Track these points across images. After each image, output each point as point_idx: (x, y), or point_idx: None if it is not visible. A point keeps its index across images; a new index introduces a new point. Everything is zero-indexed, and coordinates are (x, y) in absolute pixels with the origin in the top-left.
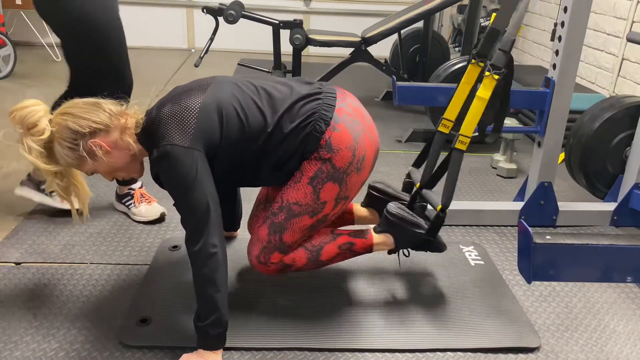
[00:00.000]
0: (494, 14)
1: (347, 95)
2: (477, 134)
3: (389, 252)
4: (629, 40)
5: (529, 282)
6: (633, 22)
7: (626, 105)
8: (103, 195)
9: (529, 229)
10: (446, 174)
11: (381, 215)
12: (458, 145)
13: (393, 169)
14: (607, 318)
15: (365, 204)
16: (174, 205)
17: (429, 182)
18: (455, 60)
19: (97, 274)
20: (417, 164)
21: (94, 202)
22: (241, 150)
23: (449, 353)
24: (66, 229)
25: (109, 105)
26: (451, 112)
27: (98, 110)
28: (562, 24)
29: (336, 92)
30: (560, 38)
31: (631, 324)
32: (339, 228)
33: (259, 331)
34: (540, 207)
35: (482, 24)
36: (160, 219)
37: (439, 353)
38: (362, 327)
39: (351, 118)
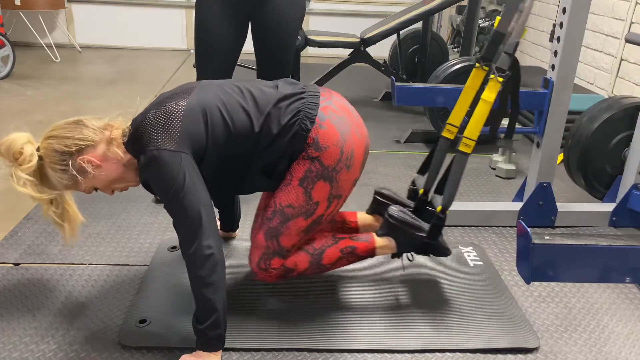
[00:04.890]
0: (498, 17)
1: (333, 94)
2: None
3: (392, 256)
4: (628, 41)
5: (527, 282)
6: (632, 22)
7: (625, 106)
8: (102, 196)
9: (528, 229)
10: (449, 175)
11: None
12: (462, 148)
13: (392, 170)
14: (606, 318)
15: (370, 211)
16: (165, 208)
17: (438, 187)
18: (454, 61)
19: (96, 275)
20: (422, 171)
21: (93, 204)
22: (229, 152)
23: (447, 354)
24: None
25: (92, 120)
26: (456, 117)
27: (80, 127)
28: (561, 25)
29: (320, 92)
30: (559, 39)
31: (630, 324)
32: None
33: (258, 332)
34: (539, 208)
35: (480, 25)
36: None
37: (437, 354)
38: (362, 328)
39: (337, 115)
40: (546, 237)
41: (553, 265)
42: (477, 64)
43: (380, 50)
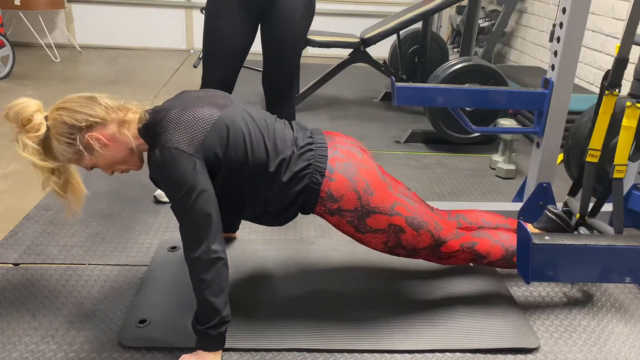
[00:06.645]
0: (617, 45)
1: (337, 142)
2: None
3: None
4: None
5: (527, 282)
6: None
7: (625, 106)
8: (102, 196)
9: (528, 229)
10: (612, 203)
11: None
12: (616, 175)
13: (392, 170)
14: (605, 319)
15: (538, 226)
16: (172, 208)
17: (593, 210)
18: (454, 61)
19: (96, 275)
20: (572, 193)
21: (93, 204)
22: (239, 179)
23: (447, 354)
24: (65, 229)
25: (105, 99)
26: (596, 142)
27: (93, 104)
28: (561, 25)
29: (327, 142)
30: (558, 39)
31: (630, 324)
32: None
33: (258, 332)
34: (539, 208)
35: (480, 25)
36: None
37: (437, 354)
38: (362, 328)
39: (344, 163)
40: (546, 237)
41: (553, 265)
42: (607, 92)
43: (380, 50)
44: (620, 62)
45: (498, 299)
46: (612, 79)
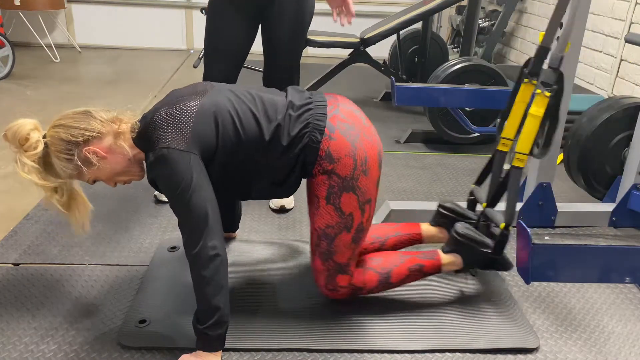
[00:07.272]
0: (542, 33)
1: (339, 100)
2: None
3: (456, 272)
4: (627, 41)
5: (527, 282)
6: (631, 23)
7: (624, 106)
8: (102, 196)
9: (528, 229)
10: (506, 192)
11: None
12: (516, 163)
13: (392, 170)
14: (605, 319)
15: (434, 223)
16: (170, 207)
17: (491, 200)
18: (454, 61)
19: (96, 275)
20: (479, 182)
21: (93, 204)
22: (238, 158)
23: (447, 354)
24: (65, 230)
25: (100, 112)
26: (509, 131)
27: (88, 118)
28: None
29: (326, 100)
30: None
31: (630, 324)
32: (407, 250)
33: (258, 332)
34: (539, 208)
35: (480, 25)
36: None
37: (437, 354)
38: (362, 328)
39: (346, 124)
40: (546, 237)
41: (553, 265)
42: (526, 79)
43: (380, 50)
44: (543, 51)
45: (498, 299)
46: (532, 67)
